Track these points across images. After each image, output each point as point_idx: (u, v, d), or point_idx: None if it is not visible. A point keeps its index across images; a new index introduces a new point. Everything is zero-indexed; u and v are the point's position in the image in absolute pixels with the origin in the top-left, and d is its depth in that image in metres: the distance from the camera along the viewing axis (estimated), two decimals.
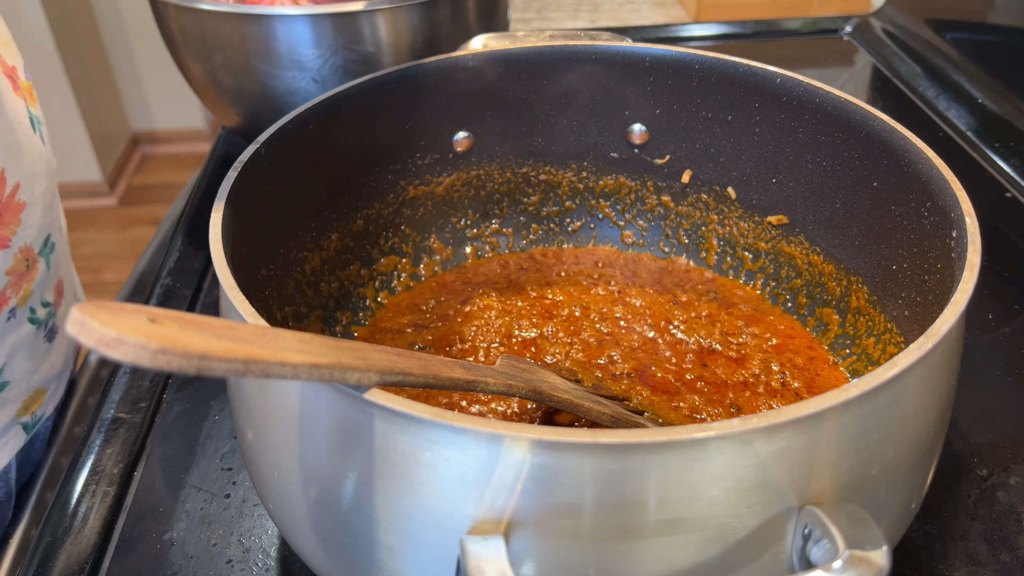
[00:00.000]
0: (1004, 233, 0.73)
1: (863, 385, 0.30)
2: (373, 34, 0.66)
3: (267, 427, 0.36)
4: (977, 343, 0.61)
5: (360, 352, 0.30)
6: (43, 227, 0.59)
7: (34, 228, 0.58)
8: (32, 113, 0.60)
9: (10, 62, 0.60)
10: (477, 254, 0.66)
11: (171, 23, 0.70)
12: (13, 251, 0.56)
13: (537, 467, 0.29)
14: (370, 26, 0.66)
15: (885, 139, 0.48)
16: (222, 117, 0.80)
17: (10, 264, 0.56)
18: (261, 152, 0.47)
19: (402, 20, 0.66)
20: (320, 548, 0.37)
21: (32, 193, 0.57)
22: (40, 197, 0.58)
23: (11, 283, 0.56)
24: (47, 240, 0.61)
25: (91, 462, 0.54)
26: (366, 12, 0.65)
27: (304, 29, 0.64)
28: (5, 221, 0.55)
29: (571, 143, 0.64)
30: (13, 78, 0.59)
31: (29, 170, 0.57)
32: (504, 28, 0.78)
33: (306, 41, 0.65)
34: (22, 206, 0.56)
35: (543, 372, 0.48)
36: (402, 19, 0.66)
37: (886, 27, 1.10)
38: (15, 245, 0.56)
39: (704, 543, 0.30)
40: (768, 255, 0.61)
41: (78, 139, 2.34)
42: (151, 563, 0.48)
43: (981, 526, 0.48)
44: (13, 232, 0.56)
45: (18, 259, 0.57)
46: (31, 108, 0.60)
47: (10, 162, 0.55)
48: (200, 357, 0.23)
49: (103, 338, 0.22)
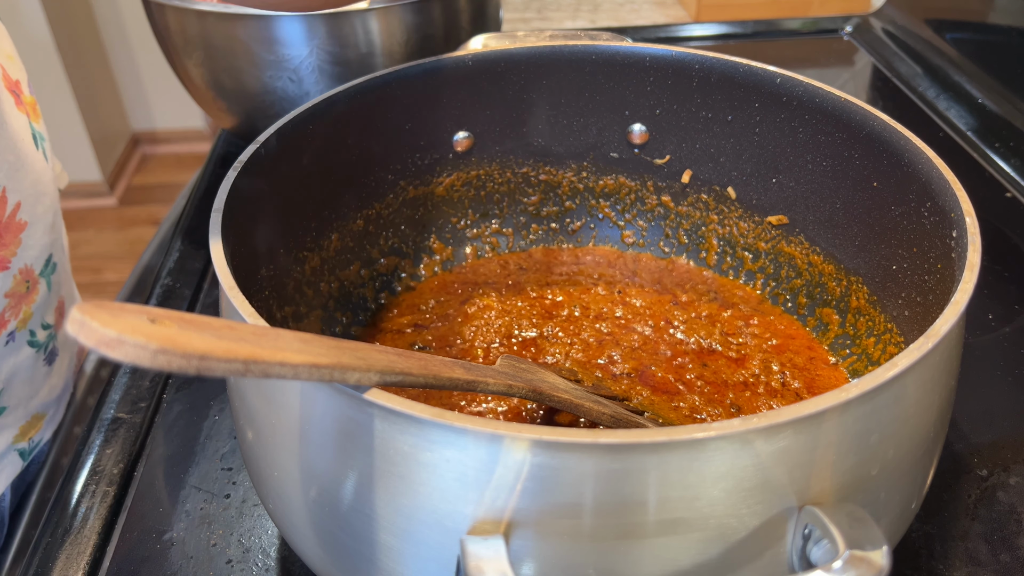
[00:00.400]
0: (1004, 233, 0.73)
1: (863, 385, 0.30)
2: (366, 35, 0.66)
3: (267, 427, 0.36)
4: (977, 343, 0.61)
5: (360, 352, 0.30)
6: (44, 247, 0.58)
7: (35, 248, 0.57)
8: (35, 129, 0.58)
9: (14, 76, 0.59)
10: (477, 254, 0.66)
11: (165, 23, 0.71)
12: (13, 272, 0.55)
13: (537, 467, 0.29)
14: (363, 27, 0.66)
15: (885, 139, 0.48)
16: (218, 118, 0.80)
17: (9, 286, 0.55)
18: (261, 152, 0.47)
19: (394, 21, 0.67)
20: (320, 548, 0.37)
21: (34, 212, 0.56)
22: (42, 216, 0.57)
23: (10, 305, 0.55)
24: (48, 260, 0.59)
25: (91, 462, 0.54)
26: (359, 13, 0.65)
27: (297, 30, 0.65)
28: (5, 242, 0.54)
29: (571, 143, 0.64)
30: (16, 93, 0.58)
31: (31, 189, 0.55)
32: (497, 28, 0.79)
33: (299, 42, 0.65)
34: (23, 226, 0.55)
35: (543, 372, 0.48)
36: (394, 20, 0.67)
37: (886, 27, 1.10)
38: (15, 266, 0.55)
39: (704, 543, 0.30)
40: (768, 255, 0.61)
41: (78, 139, 2.34)
42: (151, 563, 0.48)
43: (981, 526, 0.48)
44: (13, 253, 0.55)
45: (18, 280, 0.55)
46: (34, 124, 0.59)
47: (11, 181, 0.53)
48: (200, 357, 0.23)
49: (103, 338, 0.22)
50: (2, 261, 0.54)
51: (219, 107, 0.75)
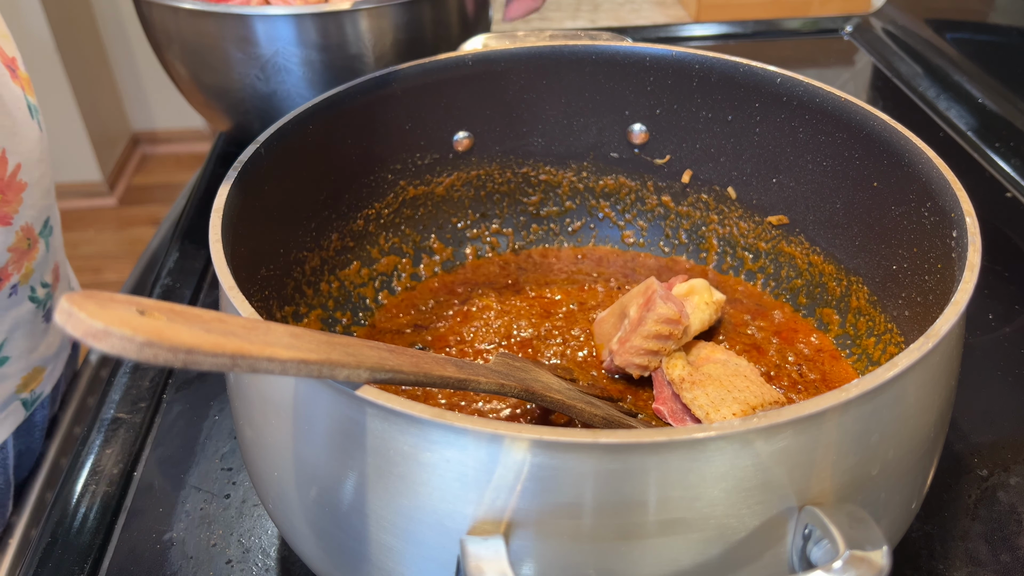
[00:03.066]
0: (1004, 233, 0.73)
1: (863, 385, 0.30)
2: (356, 34, 0.67)
3: (267, 427, 0.36)
4: (977, 343, 0.61)
5: (351, 348, 0.30)
6: (43, 209, 0.61)
7: (34, 209, 0.59)
8: (30, 101, 0.61)
9: (10, 53, 0.61)
10: (477, 254, 0.66)
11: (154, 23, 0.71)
12: (15, 228, 0.57)
13: (537, 467, 0.29)
14: (352, 26, 0.66)
15: (885, 139, 0.48)
16: (213, 121, 0.80)
17: (12, 241, 0.57)
18: (261, 152, 0.47)
19: (385, 20, 0.67)
20: (320, 548, 0.37)
21: (32, 175, 0.58)
22: (39, 180, 0.60)
23: (13, 260, 0.58)
24: (47, 223, 0.62)
25: (91, 462, 0.54)
26: (348, 12, 0.65)
27: (286, 28, 0.65)
28: (8, 199, 0.56)
29: (571, 143, 0.64)
30: (12, 68, 0.60)
31: (28, 154, 0.58)
32: (487, 29, 0.79)
33: (288, 40, 0.66)
34: (23, 186, 0.57)
35: (537, 371, 0.48)
36: (385, 19, 0.67)
37: (886, 27, 1.10)
38: (17, 223, 0.57)
39: (704, 543, 0.30)
40: (768, 255, 0.61)
41: (78, 139, 2.34)
42: (151, 563, 0.47)
43: (981, 526, 0.48)
44: (15, 210, 0.57)
45: (20, 237, 0.58)
46: (29, 97, 0.61)
47: (10, 143, 0.56)
48: (187, 351, 0.23)
49: (90, 329, 0.22)
50: (5, 217, 0.56)
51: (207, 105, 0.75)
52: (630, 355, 0.51)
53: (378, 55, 0.68)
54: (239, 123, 0.75)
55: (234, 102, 0.72)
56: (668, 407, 0.50)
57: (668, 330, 0.50)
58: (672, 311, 0.50)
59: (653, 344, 0.51)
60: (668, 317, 0.50)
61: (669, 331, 0.50)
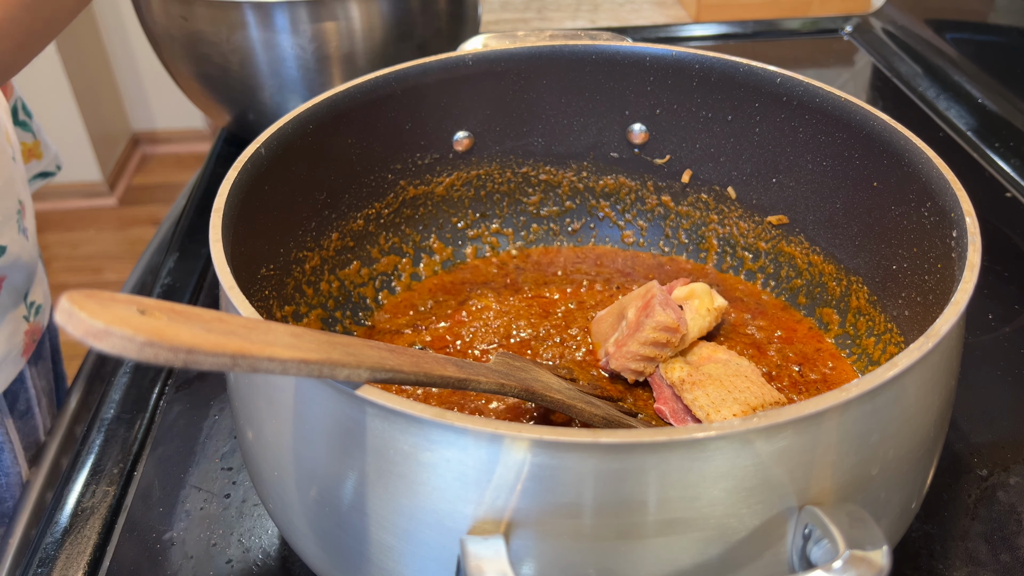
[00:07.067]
0: (1004, 233, 0.73)
1: (863, 385, 0.30)
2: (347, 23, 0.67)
3: (267, 427, 0.36)
4: (977, 343, 0.61)
5: (351, 348, 0.30)
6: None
7: None
8: None
9: None
10: (477, 254, 0.66)
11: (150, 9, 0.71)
12: None
13: (537, 467, 0.29)
14: (344, 15, 0.66)
15: (885, 139, 0.48)
16: (212, 115, 0.80)
17: None
18: (261, 152, 0.47)
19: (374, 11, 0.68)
20: (320, 548, 0.37)
21: None
22: None
23: None
24: None
25: (91, 462, 0.54)
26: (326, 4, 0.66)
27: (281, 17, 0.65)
28: None
29: (571, 143, 0.64)
30: None
31: None
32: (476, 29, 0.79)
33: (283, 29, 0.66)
34: None
35: (537, 371, 0.48)
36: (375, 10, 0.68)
37: (886, 27, 1.10)
38: None
39: (704, 543, 0.30)
40: (768, 255, 0.61)
41: (78, 139, 2.34)
42: (151, 563, 0.47)
43: (981, 526, 0.48)
44: None
45: None
46: None
47: None
48: (188, 351, 0.23)
49: (90, 329, 0.22)
50: None
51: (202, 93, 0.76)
52: (626, 360, 0.51)
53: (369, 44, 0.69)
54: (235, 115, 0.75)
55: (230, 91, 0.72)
56: (669, 407, 0.50)
57: (666, 338, 0.50)
58: (670, 319, 0.50)
59: (650, 351, 0.51)
60: (666, 325, 0.50)
61: (667, 339, 0.50)
